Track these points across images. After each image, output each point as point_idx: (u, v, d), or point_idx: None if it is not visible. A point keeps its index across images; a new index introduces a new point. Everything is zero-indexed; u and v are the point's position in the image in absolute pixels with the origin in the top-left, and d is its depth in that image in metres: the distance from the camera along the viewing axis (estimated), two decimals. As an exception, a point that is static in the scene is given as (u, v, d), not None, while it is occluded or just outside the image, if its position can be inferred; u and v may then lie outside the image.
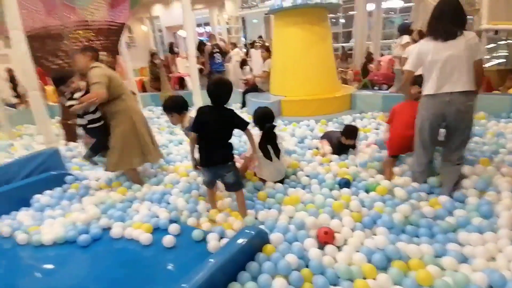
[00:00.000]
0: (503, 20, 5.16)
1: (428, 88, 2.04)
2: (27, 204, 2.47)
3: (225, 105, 1.99)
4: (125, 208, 2.31)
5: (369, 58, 7.80)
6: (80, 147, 3.54)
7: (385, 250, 1.61)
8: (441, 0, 2.02)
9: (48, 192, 2.57)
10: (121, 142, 2.49)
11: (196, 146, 2.06)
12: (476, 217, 1.82)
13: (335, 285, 1.49)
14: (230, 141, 2.06)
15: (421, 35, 3.55)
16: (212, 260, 1.48)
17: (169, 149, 3.49)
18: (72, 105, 2.41)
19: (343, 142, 2.84)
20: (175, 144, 3.64)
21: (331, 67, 4.75)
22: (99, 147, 2.67)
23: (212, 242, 1.82)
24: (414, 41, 4.08)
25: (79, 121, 2.56)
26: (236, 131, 2.06)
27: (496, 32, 5.50)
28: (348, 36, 10.44)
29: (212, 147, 2.01)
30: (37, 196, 2.52)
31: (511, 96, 3.90)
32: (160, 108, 5.61)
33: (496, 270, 1.41)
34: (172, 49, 7.28)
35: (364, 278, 1.49)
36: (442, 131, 2.15)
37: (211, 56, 6.69)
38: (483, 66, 2.06)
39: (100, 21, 3.86)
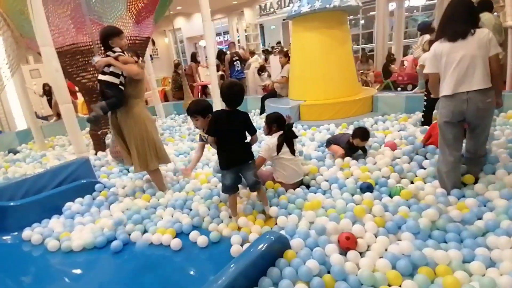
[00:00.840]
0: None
1: (445, 89, 2.04)
2: (59, 211, 2.60)
3: (238, 108, 2.10)
4: (149, 214, 2.40)
5: (390, 59, 7.61)
6: (108, 156, 3.71)
7: (411, 256, 1.55)
8: (452, 0, 2.05)
9: (79, 199, 2.71)
10: (141, 144, 2.55)
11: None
12: (505, 219, 1.72)
13: (358, 292, 1.46)
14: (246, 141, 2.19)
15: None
16: (233, 265, 1.49)
17: (190, 156, 3.57)
18: (102, 80, 2.43)
19: (356, 144, 2.77)
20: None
21: (351, 70, 4.68)
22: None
23: (234, 247, 1.85)
24: (431, 42, 3.97)
25: (101, 76, 2.48)
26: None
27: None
28: (368, 38, 10.23)
29: (234, 148, 2.11)
30: (68, 203, 2.65)
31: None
32: (182, 116, 5.82)
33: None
34: (195, 58, 7.53)
35: (389, 285, 1.45)
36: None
37: (231, 64, 6.83)
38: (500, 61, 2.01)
39: (127, 36, 4.04)
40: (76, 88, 5.68)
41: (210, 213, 2.29)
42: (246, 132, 2.14)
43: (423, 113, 3.60)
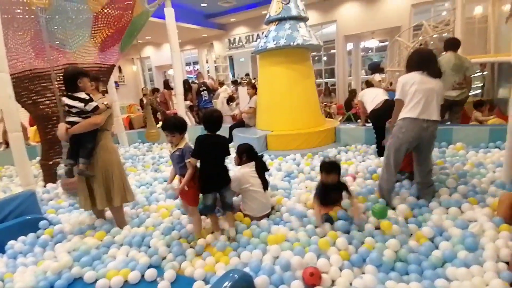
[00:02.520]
0: (478, 54, 5.54)
1: (410, 112, 2.31)
2: (2, 250, 2.34)
3: (217, 132, 2.29)
4: (100, 254, 2.19)
5: (352, 93, 8.15)
6: (58, 189, 3.42)
7: (374, 290, 1.55)
8: (423, 49, 2.67)
9: (21, 238, 2.43)
10: (106, 178, 2.40)
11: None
12: (462, 250, 1.79)
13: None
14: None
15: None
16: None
17: (153, 187, 3.41)
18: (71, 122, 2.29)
19: (324, 180, 2.35)
20: (160, 182, 3.57)
21: (314, 102, 4.91)
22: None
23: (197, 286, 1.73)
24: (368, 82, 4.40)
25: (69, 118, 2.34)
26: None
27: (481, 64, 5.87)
28: (331, 72, 10.96)
29: (216, 171, 2.27)
30: (11, 242, 2.38)
31: (488, 127, 4.05)
32: (147, 145, 5.63)
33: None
34: (168, 85, 7.47)
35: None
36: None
37: (198, 93, 6.87)
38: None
39: (89, 64, 3.95)
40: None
41: (172, 250, 2.15)
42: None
43: (376, 145, 3.84)
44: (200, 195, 2.28)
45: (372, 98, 3.77)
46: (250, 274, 1.71)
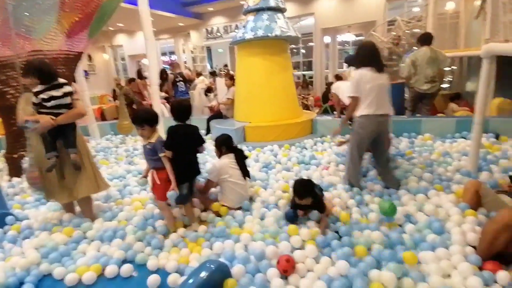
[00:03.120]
0: (448, 48, 5.78)
1: (367, 109, 2.47)
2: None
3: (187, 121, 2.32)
4: (69, 250, 2.09)
5: (329, 86, 8.27)
6: (24, 183, 3.23)
7: (348, 276, 1.59)
8: (367, 43, 2.75)
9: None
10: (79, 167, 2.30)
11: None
12: (430, 234, 1.88)
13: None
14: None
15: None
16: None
17: (126, 180, 3.30)
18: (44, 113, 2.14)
19: (298, 203, 2.15)
20: (134, 174, 3.46)
21: (292, 94, 4.93)
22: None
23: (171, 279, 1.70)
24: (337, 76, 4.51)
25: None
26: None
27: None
28: (309, 65, 11.05)
29: (190, 161, 2.31)
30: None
31: (455, 118, 4.27)
32: (120, 137, 5.41)
33: (452, 288, 1.45)
34: (141, 75, 7.03)
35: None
36: None
37: (174, 84, 6.68)
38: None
39: (56, 50, 3.74)
40: None
41: (145, 243, 2.10)
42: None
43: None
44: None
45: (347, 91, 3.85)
46: (226, 263, 1.70)
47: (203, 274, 1.53)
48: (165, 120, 3.23)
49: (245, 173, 2.58)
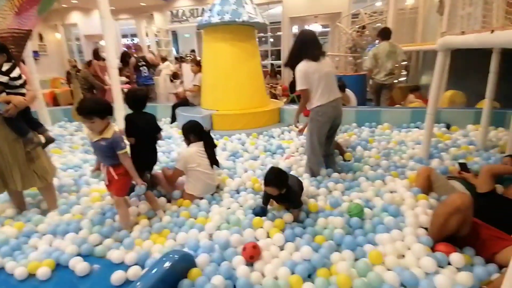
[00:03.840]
0: (406, 43, 6.06)
1: (320, 100, 2.52)
2: None
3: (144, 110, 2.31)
4: (20, 244, 1.93)
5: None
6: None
7: (311, 261, 1.63)
8: (305, 32, 2.64)
9: None
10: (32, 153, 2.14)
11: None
12: (386, 217, 1.98)
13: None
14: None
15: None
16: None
17: (82, 170, 3.08)
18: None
19: (270, 193, 2.07)
20: (92, 164, 3.23)
21: (260, 83, 4.90)
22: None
23: (132, 272, 1.63)
24: None
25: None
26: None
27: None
28: (277, 54, 11.04)
29: (149, 149, 2.35)
30: None
31: (410, 109, 4.54)
32: (75, 123, 5.03)
33: (406, 268, 1.53)
34: (98, 55, 6.12)
35: (291, 290, 1.48)
36: None
37: (136, 69, 6.32)
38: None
39: (5, 29, 3.35)
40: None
41: (103, 236, 1.98)
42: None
43: None
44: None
45: None
46: (190, 253, 1.67)
47: (166, 265, 1.48)
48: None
49: (214, 162, 2.53)
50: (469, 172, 2.43)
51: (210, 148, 2.51)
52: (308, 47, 2.51)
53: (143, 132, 2.21)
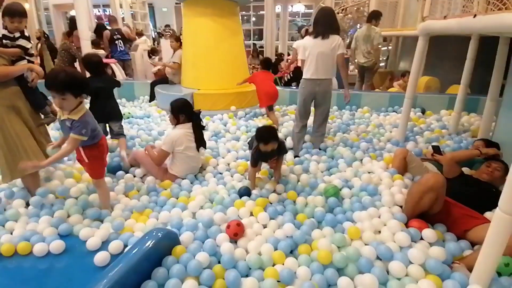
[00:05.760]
0: (387, 28, 6.11)
1: (306, 74, 2.77)
2: None
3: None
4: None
5: (279, 58, 8.28)
6: None
7: (293, 237, 1.68)
8: (320, 8, 2.85)
9: None
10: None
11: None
12: (365, 196, 2.08)
13: (247, 276, 1.48)
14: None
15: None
16: (111, 273, 1.28)
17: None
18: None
19: (264, 150, 2.13)
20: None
21: (242, 62, 4.80)
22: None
23: (99, 255, 1.59)
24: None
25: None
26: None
27: (385, 39, 6.53)
28: (259, 34, 10.83)
29: (105, 105, 2.68)
30: None
31: (389, 93, 4.66)
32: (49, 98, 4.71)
33: (382, 243, 1.62)
34: (75, 24, 5.50)
35: (274, 265, 1.53)
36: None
37: (111, 42, 5.96)
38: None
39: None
40: None
41: (84, 216, 1.94)
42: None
43: None
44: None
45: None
46: (174, 231, 1.66)
47: (150, 242, 1.47)
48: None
49: (201, 143, 2.48)
50: (442, 154, 2.56)
51: (199, 130, 2.44)
52: (316, 24, 2.77)
53: (100, 91, 2.59)
